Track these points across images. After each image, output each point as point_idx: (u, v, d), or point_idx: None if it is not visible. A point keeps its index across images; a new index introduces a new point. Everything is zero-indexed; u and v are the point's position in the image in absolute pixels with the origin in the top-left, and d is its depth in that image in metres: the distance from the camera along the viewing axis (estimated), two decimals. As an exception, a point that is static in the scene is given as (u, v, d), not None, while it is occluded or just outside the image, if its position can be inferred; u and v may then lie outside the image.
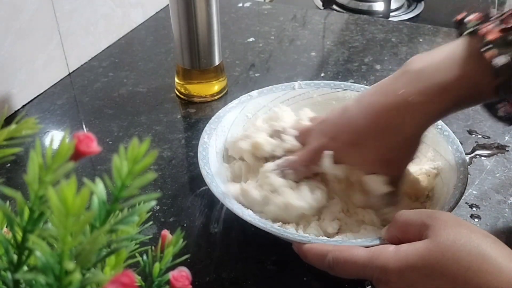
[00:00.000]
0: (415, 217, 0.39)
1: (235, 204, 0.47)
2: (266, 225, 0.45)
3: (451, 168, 0.50)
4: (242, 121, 0.60)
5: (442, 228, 0.36)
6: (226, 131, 0.58)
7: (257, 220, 0.45)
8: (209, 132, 0.56)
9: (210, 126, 0.56)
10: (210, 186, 0.48)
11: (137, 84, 0.78)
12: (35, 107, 0.72)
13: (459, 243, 0.34)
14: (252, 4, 1.03)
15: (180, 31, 0.68)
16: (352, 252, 0.39)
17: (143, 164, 0.24)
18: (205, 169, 0.50)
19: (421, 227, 0.37)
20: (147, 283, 0.30)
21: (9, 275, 0.24)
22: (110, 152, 0.36)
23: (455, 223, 0.36)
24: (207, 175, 0.49)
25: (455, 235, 0.35)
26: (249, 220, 0.45)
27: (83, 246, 0.22)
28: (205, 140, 0.54)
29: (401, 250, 0.37)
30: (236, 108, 0.60)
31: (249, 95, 0.61)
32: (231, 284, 0.47)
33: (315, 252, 0.41)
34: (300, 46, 0.89)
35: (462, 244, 0.34)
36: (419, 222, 0.38)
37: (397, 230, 0.40)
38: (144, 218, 0.30)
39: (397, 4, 1.36)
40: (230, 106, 0.60)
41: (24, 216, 0.24)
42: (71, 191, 0.21)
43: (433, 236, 0.36)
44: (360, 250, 0.39)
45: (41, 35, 0.72)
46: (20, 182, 0.58)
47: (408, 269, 0.35)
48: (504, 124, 0.47)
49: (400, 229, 0.40)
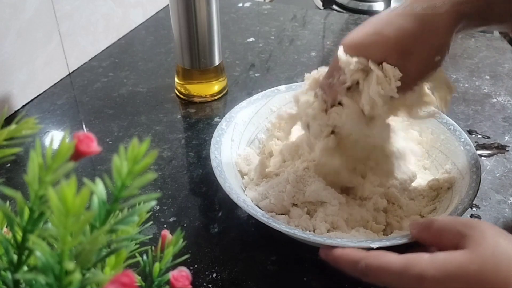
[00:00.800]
0: (450, 225, 0.38)
1: (233, 191, 0.48)
2: (280, 225, 0.45)
3: (464, 181, 0.50)
4: (266, 113, 0.61)
5: (481, 238, 0.35)
6: (247, 121, 0.59)
7: (271, 220, 0.45)
8: (228, 119, 0.57)
9: (231, 114, 0.58)
10: (213, 163, 0.51)
11: (137, 84, 0.78)
12: (35, 107, 0.72)
13: (499, 255, 0.34)
14: (252, 4, 1.03)
15: (180, 31, 0.68)
16: (387, 259, 0.38)
17: (143, 164, 0.24)
18: (215, 153, 0.52)
19: (457, 236, 0.37)
20: (147, 283, 0.30)
21: (9, 275, 0.24)
22: (110, 152, 0.36)
23: (494, 233, 0.36)
24: (215, 159, 0.51)
25: (495, 247, 0.35)
26: (253, 213, 0.45)
27: (83, 246, 0.22)
28: (222, 127, 0.56)
29: (438, 259, 0.36)
30: (261, 101, 0.61)
31: (277, 89, 0.62)
32: (231, 284, 0.47)
33: (347, 258, 0.40)
34: (300, 46, 0.89)
35: (502, 255, 0.34)
36: (454, 230, 0.37)
37: (430, 236, 0.39)
38: (144, 218, 0.30)
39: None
40: (255, 98, 0.61)
41: (24, 216, 0.24)
42: (71, 191, 0.21)
43: (471, 246, 0.35)
44: (394, 257, 0.38)
45: (41, 35, 0.72)
46: (20, 182, 0.58)
47: (447, 279, 0.35)
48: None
49: (434, 236, 0.39)
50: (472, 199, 0.46)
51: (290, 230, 0.44)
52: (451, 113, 0.58)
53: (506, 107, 0.72)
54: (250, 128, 0.59)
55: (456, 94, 0.75)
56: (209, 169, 0.60)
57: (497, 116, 0.70)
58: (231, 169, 0.53)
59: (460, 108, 0.71)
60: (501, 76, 0.79)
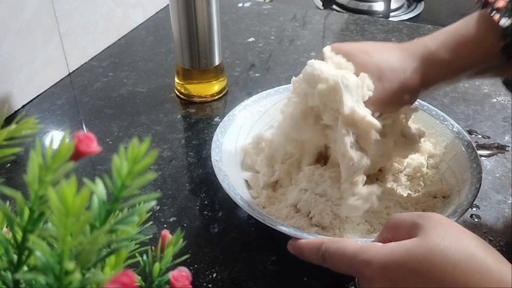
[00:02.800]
0: (406, 218, 0.39)
1: (226, 181, 0.49)
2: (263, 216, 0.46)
3: (461, 192, 0.50)
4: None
5: (432, 227, 0.35)
6: (262, 111, 0.61)
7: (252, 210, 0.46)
8: (244, 107, 0.59)
9: (247, 102, 0.60)
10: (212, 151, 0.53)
11: (137, 84, 0.78)
12: (35, 107, 0.72)
13: (448, 242, 0.34)
14: (252, 4, 1.03)
15: (180, 31, 0.68)
16: (344, 243, 0.39)
17: (143, 164, 0.24)
18: (218, 135, 0.55)
19: (411, 227, 0.37)
20: (147, 283, 0.30)
21: (9, 275, 0.24)
22: (110, 152, 0.36)
23: (446, 223, 0.36)
24: (216, 141, 0.54)
25: (445, 234, 0.34)
26: (241, 204, 0.47)
27: (83, 246, 0.22)
28: (235, 113, 0.59)
29: (388, 246, 0.36)
30: (277, 96, 0.62)
31: None
32: (231, 284, 0.47)
33: (310, 246, 0.42)
34: (300, 46, 0.89)
35: (451, 242, 0.34)
36: (409, 222, 0.38)
37: (388, 232, 0.40)
38: (144, 218, 0.30)
39: (397, 4, 1.36)
40: (267, 92, 0.62)
41: (24, 216, 0.24)
42: (71, 191, 0.21)
43: (422, 234, 0.35)
44: (351, 243, 0.39)
45: (41, 35, 0.72)
46: (20, 182, 0.58)
47: (393, 265, 0.35)
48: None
49: (391, 230, 0.40)
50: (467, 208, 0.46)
51: (285, 228, 0.44)
52: (451, 113, 0.59)
53: (506, 107, 0.72)
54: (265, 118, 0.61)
55: (456, 94, 0.75)
56: (209, 169, 0.61)
57: (497, 116, 0.70)
58: (232, 160, 0.54)
59: (460, 108, 0.71)
60: (501, 76, 0.79)
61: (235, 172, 0.54)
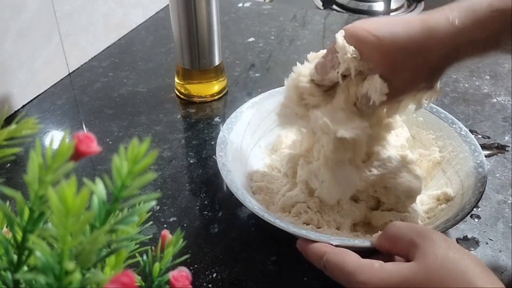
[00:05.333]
0: (405, 231, 0.39)
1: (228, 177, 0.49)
2: (269, 216, 0.45)
3: (464, 196, 0.50)
4: None
5: (430, 250, 0.36)
6: (270, 109, 0.60)
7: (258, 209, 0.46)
8: (252, 104, 0.60)
9: (255, 99, 0.60)
10: None
11: (137, 84, 0.78)
12: (35, 107, 0.72)
13: (446, 268, 0.34)
14: (252, 4, 1.03)
15: (180, 31, 0.68)
16: (344, 258, 0.39)
17: (143, 164, 0.24)
18: (224, 131, 0.55)
19: (409, 244, 0.37)
20: (147, 283, 0.30)
21: (9, 275, 0.24)
22: (110, 152, 0.36)
23: (444, 245, 0.36)
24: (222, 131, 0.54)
25: (443, 260, 0.35)
26: (247, 204, 0.46)
27: (83, 246, 0.22)
28: (242, 110, 0.59)
29: (385, 268, 0.36)
30: None
31: None
32: (231, 284, 0.47)
33: (315, 251, 0.42)
34: (300, 46, 0.89)
35: (449, 269, 0.34)
36: (408, 238, 0.38)
37: (385, 240, 0.40)
38: (144, 218, 0.31)
39: (397, 4, 1.36)
40: (276, 91, 0.62)
41: (24, 216, 0.24)
42: (71, 191, 0.21)
43: (420, 258, 0.35)
44: (352, 257, 0.39)
45: (41, 35, 0.72)
46: (20, 182, 0.58)
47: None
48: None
49: (389, 240, 0.40)
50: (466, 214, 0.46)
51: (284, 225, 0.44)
52: (451, 113, 0.58)
53: (506, 107, 0.72)
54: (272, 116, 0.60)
55: (456, 94, 0.75)
56: (209, 169, 0.61)
57: (497, 116, 0.70)
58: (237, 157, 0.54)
59: (460, 108, 0.71)
60: (501, 76, 0.79)
61: (239, 169, 0.53)
